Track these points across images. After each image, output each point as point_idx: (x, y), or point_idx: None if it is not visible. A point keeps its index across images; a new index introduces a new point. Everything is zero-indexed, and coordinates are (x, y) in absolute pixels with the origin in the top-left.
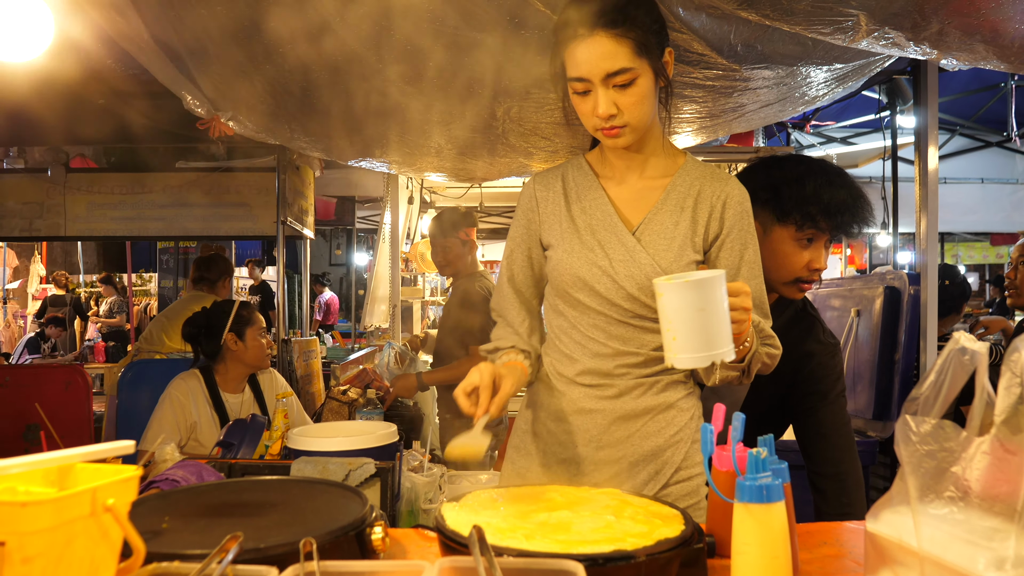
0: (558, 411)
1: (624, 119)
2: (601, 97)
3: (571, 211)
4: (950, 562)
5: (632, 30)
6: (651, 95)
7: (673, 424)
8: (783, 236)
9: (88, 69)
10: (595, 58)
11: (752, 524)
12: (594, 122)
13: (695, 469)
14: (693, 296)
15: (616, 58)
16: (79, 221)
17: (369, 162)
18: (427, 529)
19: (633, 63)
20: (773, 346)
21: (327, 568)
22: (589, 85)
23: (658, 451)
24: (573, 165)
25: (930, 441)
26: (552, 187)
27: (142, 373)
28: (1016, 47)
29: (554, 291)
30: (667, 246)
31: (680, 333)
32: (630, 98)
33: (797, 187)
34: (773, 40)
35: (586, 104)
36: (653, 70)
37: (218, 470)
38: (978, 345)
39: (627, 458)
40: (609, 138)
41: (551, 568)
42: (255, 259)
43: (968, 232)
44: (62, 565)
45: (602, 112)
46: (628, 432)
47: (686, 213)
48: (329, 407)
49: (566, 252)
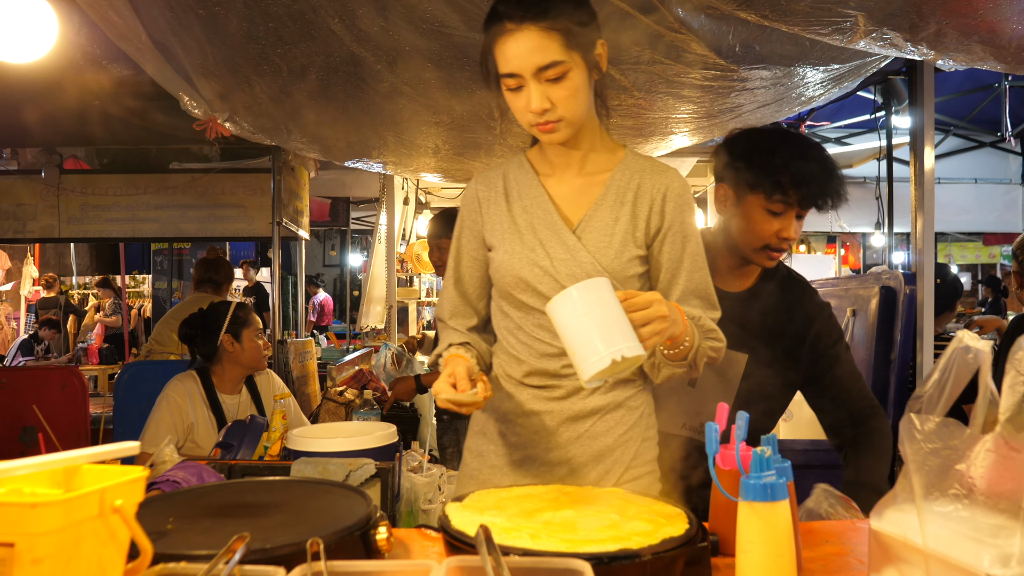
0: (508, 413)
1: (558, 113)
2: (533, 92)
3: (512, 211)
4: (955, 559)
5: (561, 23)
6: (584, 88)
7: (622, 423)
8: (754, 204)
9: (83, 70)
10: (525, 52)
11: (757, 523)
12: (528, 118)
13: (645, 467)
14: (571, 305)
15: (546, 52)
16: (73, 223)
17: (365, 163)
18: (430, 529)
19: (564, 56)
20: (716, 339)
21: (334, 568)
22: (521, 81)
23: (607, 451)
24: (514, 163)
25: (935, 439)
26: (494, 186)
27: (139, 375)
28: (1013, 47)
29: (498, 293)
30: (607, 243)
31: (574, 344)
32: (563, 92)
33: (768, 157)
34: (771, 41)
35: (519, 100)
36: (585, 63)
37: (218, 471)
38: (982, 344)
39: (577, 458)
40: (544, 133)
41: (558, 567)
42: (249, 260)
43: (961, 232)
44: (71, 566)
45: (535, 107)
46: (577, 433)
47: (626, 208)
48: (326, 408)
49: (507, 253)
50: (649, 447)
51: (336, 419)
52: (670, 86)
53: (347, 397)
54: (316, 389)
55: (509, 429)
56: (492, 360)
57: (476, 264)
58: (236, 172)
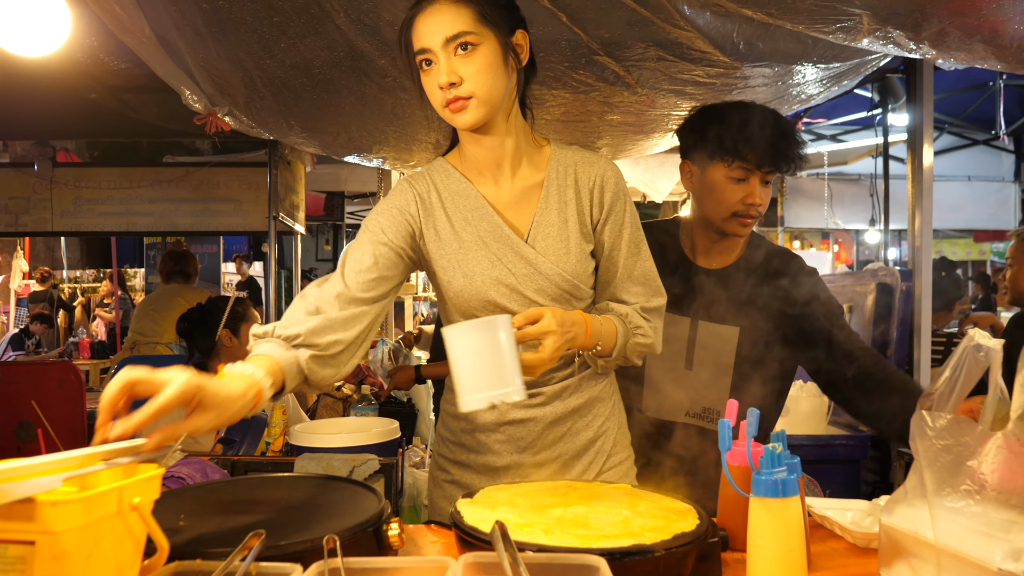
0: (486, 424)
1: (468, 88)
2: (443, 64)
3: (454, 225)
4: (966, 554)
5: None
6: (497, 68)
7: (599, 415)
8: (716, 174)
9: (79, 63)
10: (435, 25)
11: (768, 518)
12: (439, 96)
13: (623, 453)
14: (464, 341)
15: (456, 23)
16: (66, 216)
17: (365, 157)
18: (439, 525)
19: (474, 28)
20: (643, 335)
21: (351, 565)
22: (432, 55)
23: (589, 443)
24: (437, 170)
25: (946, 436)
26: (428, 195)
27: None
28: (1014, 47)
29: (458, 312)
30: (565, 248)
31: (460, 377)
32: (472, 66)
33: (723, 126)
34: (774, 38)
35: (431, 78)
36: (499, 43)
37: (221, 467)
38: (993, 342)
39: (563, 456)
40: (455, 113)
41: (574, 563)
42: (242, 254)
43: (953, 229)
44: (90, 564)
45: (443, 80)
46: (561, 433)
47: (571, 207)
48: (323, 403)
49: (466, 277)
50: (624, 432)
51: (334, 414)
52: (673, 83)
53: (345, 392)
54: None
55: (490, 438)
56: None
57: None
58: (232, 166)
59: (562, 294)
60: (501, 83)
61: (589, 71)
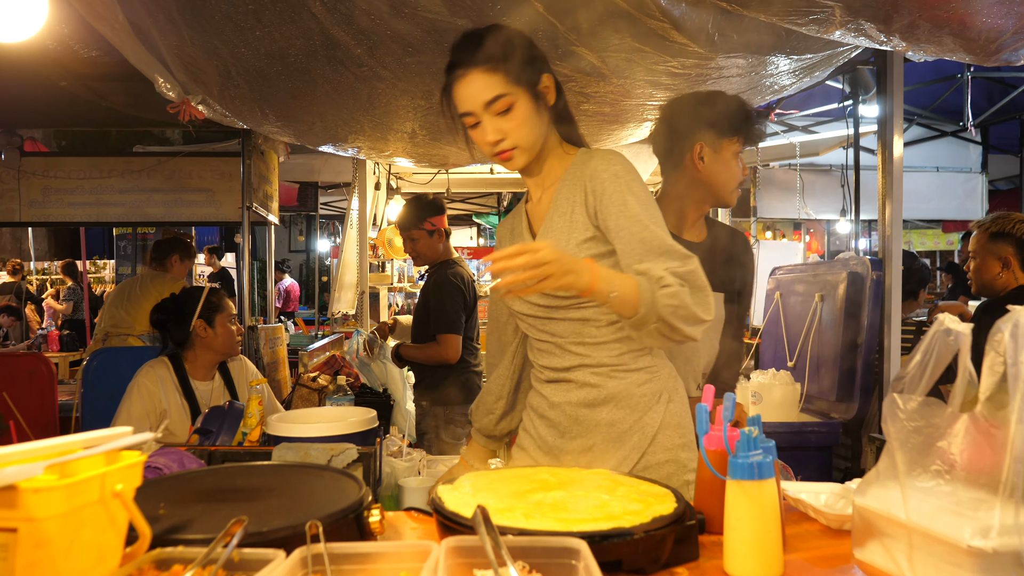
0: (538, 407)
1: (512, 142)
2: (487, 125)
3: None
4: (937, 532)
5: (502, 63)
6: (532, 117)
7: (637, 408)
8: (728, 152)
9: (49, 51)
10: (473, 92)
11: (745, 500)
12: (488, 149)
13: (664, 455)
14: None
15: (491, 88)
16: (35, 207)
17: (339, 147)
18: (419, 512)
19: (508, 89)
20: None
21: (334, 550)
22: (476, 118)
23: (624, 436)
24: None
25: (917, 418)
26: (506, 224)
27: (107, 362)
28: (982, 40)
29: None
30: (566, 239)
31: None
32: (511, 122)
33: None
34: (748, 30)
35: (479, 135)
36: (531, 96)
37: (198, 457)
38: (962, 327)
39: (597, 446)
40: (504, 161)
41: (555, 546)
42: (213, 246)
43: (921, 219)
44: (72, 550)
45: (490, 139)
46: (596, 420)
47: (577, 202)
48: (299, 394)
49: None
50: (670, 435)
51: (309, 405)
52: (648, 73)
53: (320, 383)
54: (287, 375)
55: (541, 422)
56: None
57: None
58: (204, 156)
59: None
60: (538, 129)
61: (566, 62)
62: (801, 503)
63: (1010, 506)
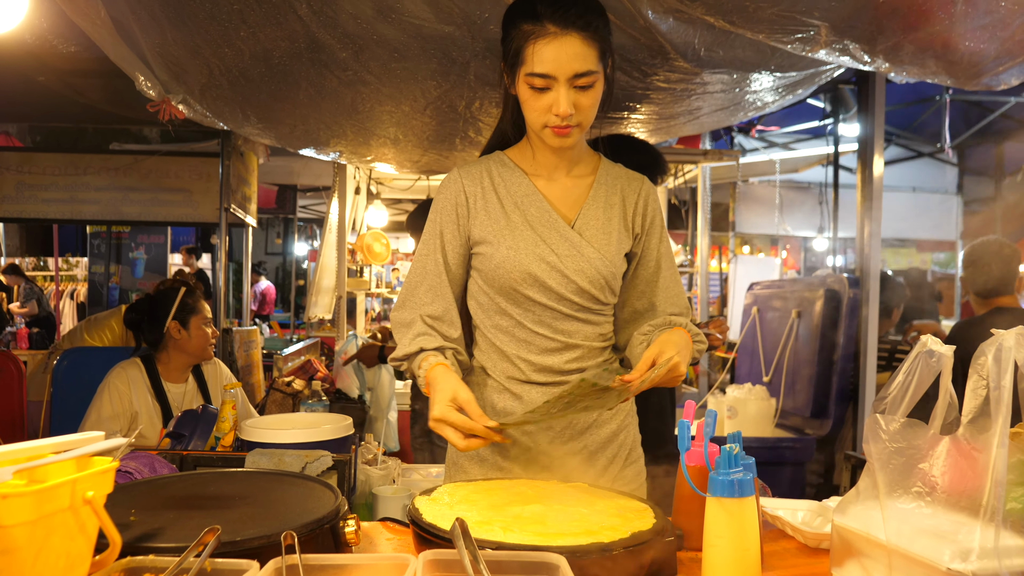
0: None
1: (579, 118)
2: (563, 96)
3: (504, 206)
4: (917, 554)
5: (600, 35)
6: (599, 100)
7: (621, 410)
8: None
9: (26, 45)
10: (565, 58)
11: (725, 518)
12: (546, 119)
13: (637, 451)
14: None
15: (586, 60)
16: (8, 202)
17: (319, 150)
18: (394, 522)
19: (597, 66)
20: (700, 340)
21: (309, 561)
22: (551, 83)
23: (612, 437)
24: (495, 161)
25: (899, 439)
26: (480, 181)
27: (78, 361)
28: (964, 63)
29: (495, 290)
30: (606, 240)
31: None
32: (588, 100)
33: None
34: (735, 46)
35: (541, 100)
36: (606, 78)
37: (170, 462)
38: (944, 348)
39: (588, 447)
40: (558, 136)
41: (534, 560)
42: (191, 246)
43: (896, 238)
44: (40, 558)
45: (563, 111)
46: (587, 423)
47: (615, 209)
48: (273, 398)
49: (511, 249)
50: (636, 432)
51: (283, 410)
52: (633, 88)
53: (295, 388)
54: (260, 379)
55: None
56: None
57: (461, 262)
58: (182, 155)
59: (599, 278)
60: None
61: None
62: (779, 520)
63: (990, 529)
